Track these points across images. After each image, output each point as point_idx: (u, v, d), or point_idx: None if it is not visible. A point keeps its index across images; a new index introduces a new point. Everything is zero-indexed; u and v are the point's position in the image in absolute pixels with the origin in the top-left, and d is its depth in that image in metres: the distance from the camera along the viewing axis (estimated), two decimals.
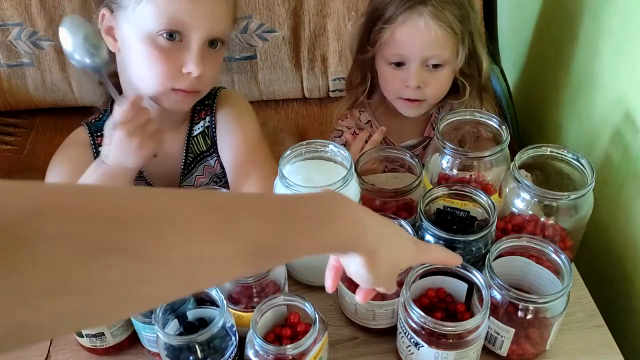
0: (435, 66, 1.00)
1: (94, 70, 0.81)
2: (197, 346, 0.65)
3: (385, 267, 0.56)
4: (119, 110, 0.81)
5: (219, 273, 0.44)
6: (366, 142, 1.07)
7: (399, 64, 1.01)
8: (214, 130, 1.01)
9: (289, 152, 0.79)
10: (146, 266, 0.37)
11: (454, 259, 0.65)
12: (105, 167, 0.84)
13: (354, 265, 0.56)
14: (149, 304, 0.44)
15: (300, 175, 0.77)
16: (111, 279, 0.36)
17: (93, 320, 0.40)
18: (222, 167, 1.03)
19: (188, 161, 1.02)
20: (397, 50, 1.00)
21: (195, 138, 1.01)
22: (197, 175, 1.04)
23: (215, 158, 1.03)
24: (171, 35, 0.84)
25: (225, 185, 1.02)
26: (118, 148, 0.83)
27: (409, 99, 1.04)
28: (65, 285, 0.34)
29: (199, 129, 1.01)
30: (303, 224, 0.48)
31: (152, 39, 0.84)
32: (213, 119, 1.00)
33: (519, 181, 0.77)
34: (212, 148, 1.02)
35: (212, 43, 0.88)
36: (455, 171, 0.84)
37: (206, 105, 1.00)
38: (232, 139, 1.00)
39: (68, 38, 0.79)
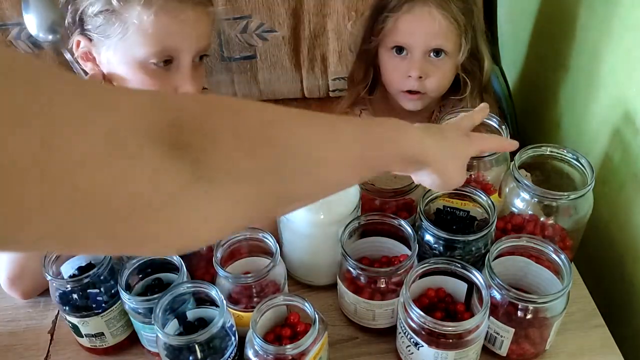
0: (438, 54, 1.00)
1: (55, 44, 0.85)
2: (196, 346, 0.65)
3: (452, 170, 0.64)
4: None
5: (336, 173, 0.50)
6: None
7: (400, 50, 1.01)
8: None
9: None
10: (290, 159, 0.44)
11: (508, 144, 0.73)
12: None
13: (427, 179, 0.64)
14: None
15: None
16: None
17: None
18: None
19: None
20: (401, 38, 1.00)
21: None
22: None
23: None
24: (163, 60, 0.84)
25: None
26: None
27: (410, 91, 1.04)
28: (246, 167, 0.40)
29: None
30: (382, 135, 0.55)
31: (142, 66, 0.84)
32: None
33: (518, 181, 0.77)
34: None
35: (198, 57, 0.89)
36: None
37: None
38: None
39: (33, 20, 0.84)
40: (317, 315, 0.66)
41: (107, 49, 0.84)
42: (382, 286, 0.74)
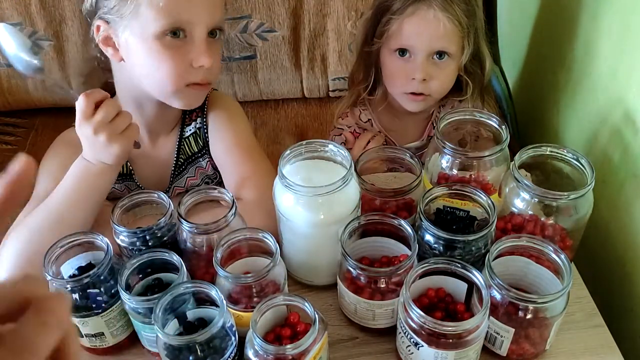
0: (441, 57, 1.00)
1: (37, 73, 0.80)
2: (196, 346, 0.65)
3: None
4: (78, 107, 0.81)
5: None
6: (368, 142, 1.08)
7: (404, 53, 1.01)
8: (205, 131, 1.01)
9: (288, 151, 0.79)
10: None
11: None
12: (85, 163, 0.84)
13: None
14: None
15: (299, 175, 0.77)
16: None
17: None
18: (213, 167, 1.04)
19: (179, 163, 1.02)
20: (405, 41, 1.00)
21: (187, 139, 1.02)
22: (188, 177, 1.04)
23: (207, 159, 1.03)
24: (175, 33, 0.85)
25: (219, 185, 1.02)
26: (86, 145, 0.84)
27: (413, 93, 1.04)
28: None
29: (190, 130, 1.02)
30: None
31: (157, 41, 0.85)
32: (205, 120, 1.01)
33: (518, 181, 0.77)
34: (204, 149, 1.03)
35: (212, 33, 0.89)
36: (455, 171, 0.84)
37: (197, 107, 1.01)
38: (225, 141, 1.00)
39: (5, 50, 0.79)
40: (317, 315, 0.66)
41: (124, 30, 0.86)
42: (382, 286, 0.74)
